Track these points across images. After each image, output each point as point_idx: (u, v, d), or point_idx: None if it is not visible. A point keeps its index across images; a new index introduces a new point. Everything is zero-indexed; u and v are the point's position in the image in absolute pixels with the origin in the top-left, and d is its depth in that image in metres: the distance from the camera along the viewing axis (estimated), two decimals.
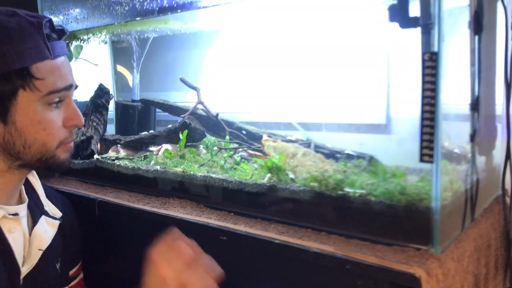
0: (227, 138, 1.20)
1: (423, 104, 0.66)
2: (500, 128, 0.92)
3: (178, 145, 1.19)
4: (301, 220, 0.83)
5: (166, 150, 1.19)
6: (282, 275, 0.79)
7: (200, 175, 0.98)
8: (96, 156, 1.24)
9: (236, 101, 1.41)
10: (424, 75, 0.65)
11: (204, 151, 1.24)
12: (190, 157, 1.14)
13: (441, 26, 0.64)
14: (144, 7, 1.11)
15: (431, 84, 0.65)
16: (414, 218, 0.70)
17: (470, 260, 0.77)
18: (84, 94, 1.54)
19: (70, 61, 0.83)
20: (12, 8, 0.77)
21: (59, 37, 0.80)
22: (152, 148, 1.28)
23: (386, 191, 0.74)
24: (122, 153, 1.28)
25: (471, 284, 0.78)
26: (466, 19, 0.79)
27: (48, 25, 0.78)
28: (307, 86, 1.25)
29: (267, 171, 0.90)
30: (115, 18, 1.19)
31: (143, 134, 1.37)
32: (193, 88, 1.32)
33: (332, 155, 1.02)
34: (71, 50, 1.47)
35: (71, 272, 0.99)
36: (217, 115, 1.26)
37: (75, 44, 1.48)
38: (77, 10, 1.29)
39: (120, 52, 1.71)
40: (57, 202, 0.96)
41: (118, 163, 1.15)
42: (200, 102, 1.29)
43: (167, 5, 1.06)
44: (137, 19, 1.15)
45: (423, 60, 0.65)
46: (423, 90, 0.65)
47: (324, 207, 0.80)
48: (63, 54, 0.80)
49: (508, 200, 0.97)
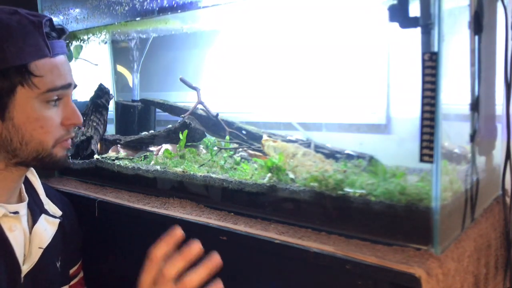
0: (227, 138, 1.20)
1: (423, 104, 0.66)
2: (500, 128, 0.92)
3: (178, 145, 1.19)
4: (301, 220, 0.83)
5: (166, 150, 1.19)
6: (282, 275, 0.79)
7: (200, 175, 0.98)
8: (96, 156, 1.24)
9: (236, 101, 1.41)
10: (424, 75, 0.65)
11: (204, 151, 1.24)
12: (190, 157, 1.14)
13: (441, 26, 0.64)
14: (144, 7, 1.11)
15: (431, 84, 0.65)
16: (414, 218, 0.70)
17: (470, 260, 0.77)
18: (84, 94, 1.54)
19: (70, 61, 0.83)
20: (13, 7, 0.78)
21: (59, 36, 0.81)
22: (152, 148, 1.28)
23: (386, 191, 0.74)
24: (122, 153, 1.28)
25: (471, 284, 0.78)
26: (466, 19, 0.79)
27: (48, 24, 0.79)
28: (307, 86, 1.25)
29: (267, 171, 0.90)
30: (115, 18, 1.19)
31: (143, 134, 1.37)
32: (193, 88, 1.32)
33: (332, 155, 1.02)
34: (71, 50, 1.47)
35: (71, 271, 0.99)
36: (217, 115, 1.26)
37: (75, 44, 1.48)
38: (77, 10, 1.29)
39: (120, 52, 1.71)
40: (56, 201, 0.96)
41: (118, 163, 1.15)
42: (200, 102, 1.29)
43: (167, 5, 1.07)
44: (137, 19, 1.15)
45: (423, 60, 0.65)
46: (423, 90, 0.65)
47: (324, 207, 0.80)
48: (63, 53, 0.81)
49: (508, 200, 0.97)
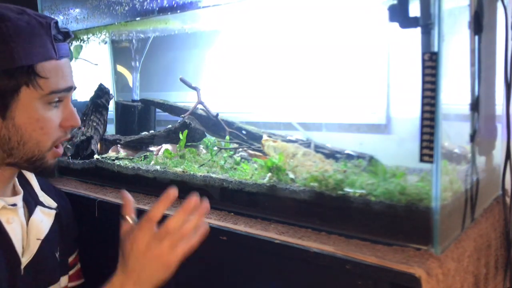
0: (227, 138, 1.20)
1: (423, 104, 0.66)
2: (500, 128, 0.92)
3: (178, 145, 1.19)
4: (301, 220, 0.83)
5: (166, 150, 1.19)
6: (282, 275, 0.79)
7: (200, 175, 0.98)
8: (96, 156, 1.24)
9: (236, 101, 1.41)
10: (424, 75, 0.65)
11: (204, 151, 1.24)
12: (190, 157, 1.14)
13: (441, 26, 0.64)
14: (144, 7, 1.11)
15: (431, 84, 0.65)
16: (414, 218, 0.70)
17: (470, 260, 0.77)
18: (84, 94, 1.54)
19: (70, 61, 0.84)
20: (20, 7, 0.78)
21: (64, 39, 0.81)
22: (152, 148, 1.28)
23: (386, 191, 0.74)
24: (122, 153, 1.28)
25: (471, 284, 0.78)
26: (466, 19, 0.79)
27: (55, 26, 0.79)
28: (307, 86, 1.25)
29: (267, 171, 0.90)
30: (115, 18, 1.19)
31: (143, 134, 1.37)
32: (193, 88, 1.32)
33: (332, 155, 1.02)
34: (71, 50, 1.47)
35: (70, 259, 0.99)
36: (217, 115, 1.26)
37: (75, 44, 1.48)
38: (77, 10, 1.29)
39: (120, 52, 1.71)
40: (51, 193, 0.97)
41: (118, 163, 1.15)
42: (200, 102, 1.29)
43: (167, 5, 1.07)
44: (137, 19, 1.16)
45: (423, 60, 0.65)
46: (423, 90, 0.65)
47: (324, 207, 0.80)
48: (67, 56, 0.82)
49: (508, 200, 0.97)
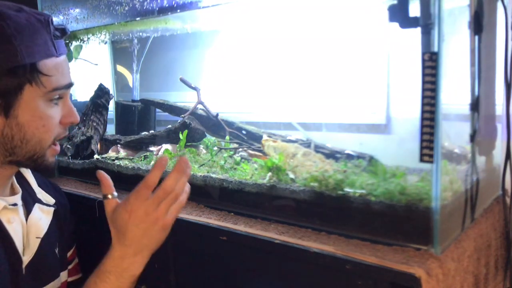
0: (227, 138, 1.20)
1: (423, 104, 0.66)
2: (500, 128, 0.92)
3: (178, 145, 1.19)
4: (301, 220, 0.83)
5: (166, 150, 1.19)
6: (282, 275, 0.79)
7: (200, 175, 0.98)
8: (96, 156, 1.24)
9: (236, 101, 1.41)
10: (424, 75, 0.65)
11: (204, 151, 1.24)
12: (190, 157, 1.14)
13: (441, 26, 0.64)
14: (144, 7, 1.11)
15: (431, 84, 0.65)
16: (414, 218, 0.70)
17: (470, 260, 0.77)
18: (84, 94, 1.54)
19: (70, 61, 0.84)
20: (16, 4, 0.78)
21: (61, 35, 0.81)
22: (152, 148, 1.28)
23: (386, 191, 0.74)
24: (122, 153, 1.28)
25: (471, 284, 0.78)
26: (466, 19, 0.79)
27: (51, 23, 0.79)
28: (307, 86, 1.25)
29: (267, 171, 0.90)
30: (115, 18, 1.19)
31: (143, 134, 1.37)
32: (193, 88, 1.32)
33: (332, 155, 1.02)
34: (71, 50, 1.47)
35: (68, 254, 0.99)
36: (217, 115, 1.26)
37: (75, 44, 1.48)
38: (77, 10, 1.29)
39: (120, 52, 1.71)
40: (48, 189, 0.97)
41: (118, 163, 1.15)
42: (200, 102, 1.29)
43: (167, 5, 1.06)
44: (137, 19, 1.15)
45: (423, 60, 0.65)
46: (423, 90, 0.65)
47: (324, 207, 0.80)
48: (65, 53, 0.82)
49: (508, 200, 0.97)
